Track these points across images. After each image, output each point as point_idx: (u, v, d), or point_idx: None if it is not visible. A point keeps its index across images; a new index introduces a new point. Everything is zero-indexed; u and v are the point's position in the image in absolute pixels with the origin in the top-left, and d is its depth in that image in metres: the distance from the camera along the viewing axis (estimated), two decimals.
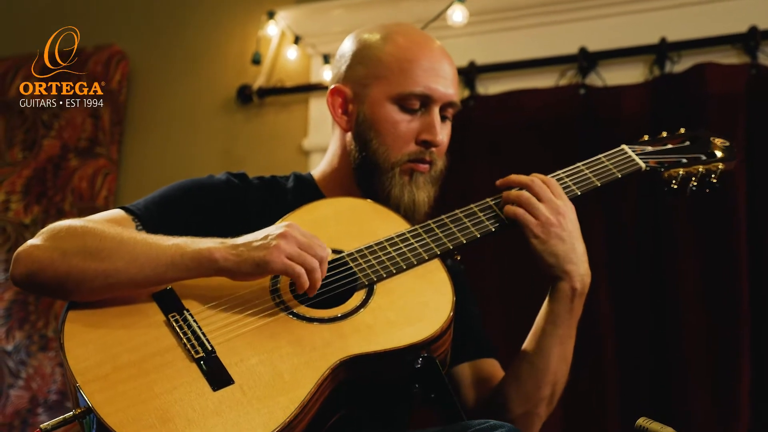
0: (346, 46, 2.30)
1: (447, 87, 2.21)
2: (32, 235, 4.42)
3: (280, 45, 4.64)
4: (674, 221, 3.75)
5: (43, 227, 4.18)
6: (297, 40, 4.56)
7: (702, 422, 3.58)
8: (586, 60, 4.12)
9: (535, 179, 2.13)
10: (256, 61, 4.58)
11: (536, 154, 4.05)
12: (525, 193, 2.12)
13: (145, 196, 2.17)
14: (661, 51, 4.00)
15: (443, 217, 2.14)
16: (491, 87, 4.27)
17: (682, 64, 3.98)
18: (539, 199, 2.10)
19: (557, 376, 2.16)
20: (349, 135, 2.26)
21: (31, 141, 4.78)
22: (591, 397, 3.77)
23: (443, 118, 2.24)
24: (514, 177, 2.16)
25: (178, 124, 4.80)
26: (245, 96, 4.66)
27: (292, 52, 4.58)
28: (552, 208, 2.09)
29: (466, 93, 4.26)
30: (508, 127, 4.15)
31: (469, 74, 4.26)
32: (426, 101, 2.20)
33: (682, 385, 3.64)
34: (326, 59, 4.43)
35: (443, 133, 2.22)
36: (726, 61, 3.92)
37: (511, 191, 2.15)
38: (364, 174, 2.23)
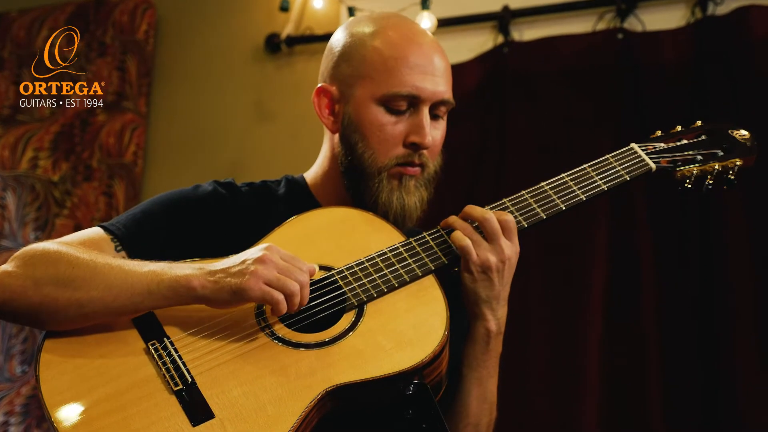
0: (335, 41, 2.15)
1: (436, 85, 2.06)
2: (61, 194, 4.40)
3: None
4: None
5: (72, 185, 4.12)
6: None
7: (747, 383, 3.50)
8: (625, 3, 3.99)
9: (489, 217, 1.98)
10: (284, 8, 4.44)
11: (574, 101, 3.99)
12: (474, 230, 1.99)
13: (126, 210, 2.08)
14: None
15: (439, 228, 2.03)
16: (526, 33, 4.14)
17: (726, 6, 3.81)
18: (489, 239, 1.97)
19: (478, 418, 2.07)
20: (336, 137, 2.13)
21: None
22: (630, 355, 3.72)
23: (435, 117, 2.09)
24: (469, 209, 2.02)
25: (207, 75, 4.69)
26: (274, 45, 4.53)
27: (318, 1, 4.42)
28: (497, 252, 1.96)
29: (500, 39, 4.16)
30: (544, 74, 4.07)
31: (503, 19, 4.14)
32: (414, 101, 2.05)
33: (727, 343, 3.57)
34: (351, 12, 4.28)
35: (434, 133, 2.08)
36: None
37: (462, 224, 2.01)
38: (352, 179, 2.10)
